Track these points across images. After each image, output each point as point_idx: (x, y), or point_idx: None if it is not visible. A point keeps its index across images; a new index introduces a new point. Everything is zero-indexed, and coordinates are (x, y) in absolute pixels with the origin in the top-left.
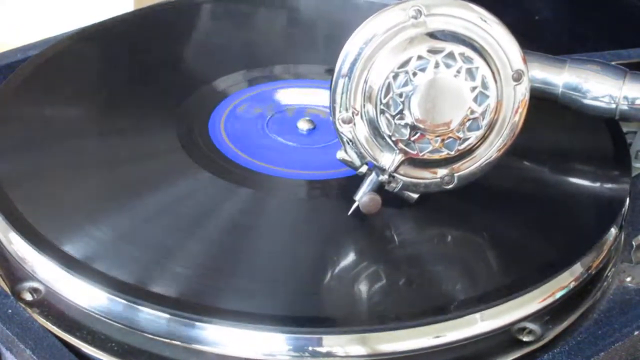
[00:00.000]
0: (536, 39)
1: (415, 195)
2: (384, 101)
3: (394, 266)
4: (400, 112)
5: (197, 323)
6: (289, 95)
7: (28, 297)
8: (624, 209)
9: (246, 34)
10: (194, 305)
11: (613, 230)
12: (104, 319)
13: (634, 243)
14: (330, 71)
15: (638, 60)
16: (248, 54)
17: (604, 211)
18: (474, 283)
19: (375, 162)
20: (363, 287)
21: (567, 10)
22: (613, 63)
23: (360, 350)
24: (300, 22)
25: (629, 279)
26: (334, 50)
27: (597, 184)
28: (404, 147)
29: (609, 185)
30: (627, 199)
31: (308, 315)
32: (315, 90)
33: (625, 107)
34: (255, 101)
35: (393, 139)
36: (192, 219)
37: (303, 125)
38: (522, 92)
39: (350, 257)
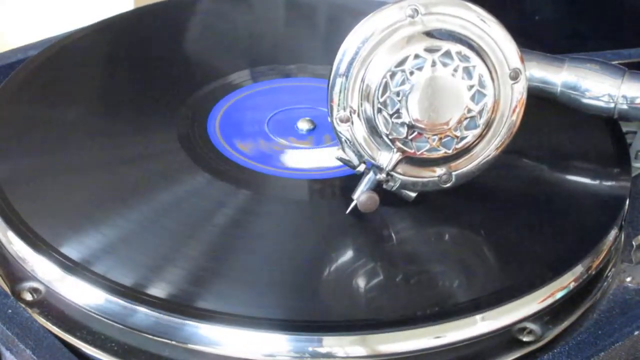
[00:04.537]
0: (536, 39)
1: (413, 194)
2: (381, 100)
3: (394, 267)
4: (398, 110)
5: (197, 324)
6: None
7: (28, 297)
8: (624, 209)
9: (247, 33)
10: (193, 305)
11: (613, 231)
12: (104, 319)
13: (634, 243)
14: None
15: (638, 60)
16: (248, 53)
17: (604, 211)
18: (474, 283)
19: (373, 161)
20: (363, 288)
21: (567, 10)
22: (613, 63)
23: (361, 351)
24: (303, 20)
25: (629, 279)
26: (336, 48)
27: (597, 184)
28: (401, 145)
29: (609, 185)
30: (627, 199)
31: (308, 315)
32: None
33: (624, 107)
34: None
35: (390, 137)
36: (192, 219)
37: (303, 125)
38: (519, 91)
39: (350, 258)
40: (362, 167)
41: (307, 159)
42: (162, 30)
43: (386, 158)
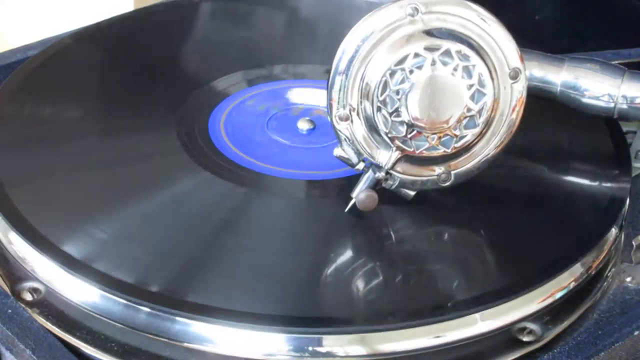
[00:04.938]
0: (536, 39)
1: (412, 193)
2: (380, 98)
3: (393, 266)
4: (397, 109)
5: (197, 323)
6: (289, 95)
7: (28, 297)
8: (624, 209)
9: (246, 34)
10: (194, 305)
11: (613, 230)
12: (104, 319)
13: (634, 243)
14: (328, 70)
15: (638, 60)
16: (248, 53)
17: (604, 211)
18: (474, 283)
19: (372, 159)
20: (362, 287)
21: (567, 10)
22: (613, 63)
23: (360, 350)
24: (300, 21)
25: (629, 279)
26: (334, 49)
27: (597, 184)
28: (400, 144)
29: (609, 185)
30: (627, 199)
31: (307, 315)
32: (315, 90)
33: (624, 106)
34: (255, 101)
35: (390, 136)
36: (192, 218)
37: (303, 125)
38: (519, 90)
39: (349, 257)
40: (361, 166)
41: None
42: (162, 31)
43: (385, 156)
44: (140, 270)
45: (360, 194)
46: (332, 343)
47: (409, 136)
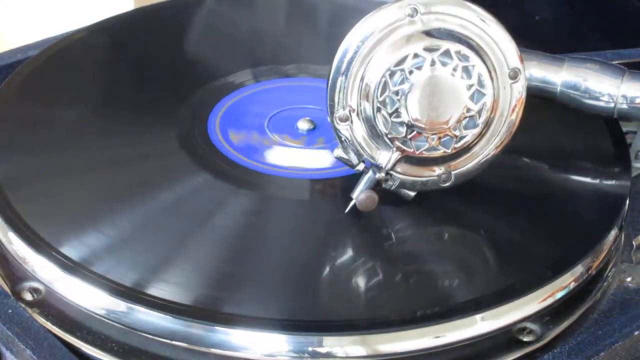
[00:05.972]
0: (536, 39)
1: (412, 193)
2: (380, 99)
3: (393, 266)
4: (397, 110)
5: (197, 324)
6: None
7: (28, 297)
8: (624, 209)
9: (247, 33)
10: (193, 305)
11: (613, 231)
12: (104, 319)
13: (634, 243)
14: (328, 71)
15: (638, 60)
16: (248, 53)
17: (604, 211)
18: (474, 283)
19: (372, 160)
20: (362, 287)
21: (567, 10)
22: (613, 63)
23: (361, 351)
24: (302, 20)
25: (629, 279)
26: (336, 48)
27: (597, 184)
28: (400, 144)
29: (609, 186)
30: (627, 199)
31: (307, 315)
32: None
33: (624, 106)
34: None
35: (389, 136)
36: (192, 219)
37: (303, 125)
38: (518, 90)
39: (349, 258)
40: (361, 166)
41: (307, 158)
42: (162, 31)
43: (385, 157)
44: (140, 271)
45: (360, 194)
46: (332, 344)
47: (408, 137)
